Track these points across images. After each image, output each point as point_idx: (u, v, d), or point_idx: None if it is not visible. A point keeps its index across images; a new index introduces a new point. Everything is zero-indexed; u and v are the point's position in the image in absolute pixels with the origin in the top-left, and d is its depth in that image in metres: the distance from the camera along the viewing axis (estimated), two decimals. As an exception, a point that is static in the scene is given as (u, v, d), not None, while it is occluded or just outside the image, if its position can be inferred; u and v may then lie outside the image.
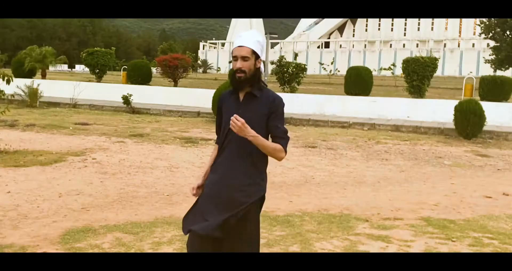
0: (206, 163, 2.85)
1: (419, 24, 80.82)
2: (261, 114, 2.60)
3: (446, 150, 10.37)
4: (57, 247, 4.10)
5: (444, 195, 6.47)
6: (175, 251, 4.09)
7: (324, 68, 56.01)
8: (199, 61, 71.54)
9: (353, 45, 77.16)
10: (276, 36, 29.30)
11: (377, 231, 4.83)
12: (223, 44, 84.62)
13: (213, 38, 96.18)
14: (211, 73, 62.47)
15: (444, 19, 77.00)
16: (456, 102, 12.89)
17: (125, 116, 15.26)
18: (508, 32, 32.30)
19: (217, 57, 79.54)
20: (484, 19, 33.89)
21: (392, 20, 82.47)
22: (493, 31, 33.03)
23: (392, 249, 4.34)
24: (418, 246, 4.42)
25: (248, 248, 2.65)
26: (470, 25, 73.08)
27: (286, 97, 16.96)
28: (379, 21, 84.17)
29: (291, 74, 19.57)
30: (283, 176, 7.33)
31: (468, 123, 11.39)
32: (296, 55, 35.78)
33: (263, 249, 3.72)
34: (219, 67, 73.65)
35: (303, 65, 20.12)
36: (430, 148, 10.52)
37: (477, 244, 4.50)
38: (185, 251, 4.06)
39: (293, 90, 19.72)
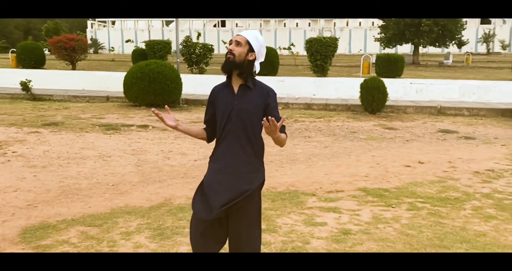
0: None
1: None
2: (257, 106, 2.76)
3: (357, 124, 11.25)
4: (21, 246, 3.92)
5: (369, 166, 7.13)
6: (147, 239, 4.13)
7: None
8: (89, 41, 67.62)
9: (249, 24, 78.10)
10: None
11: (326, 204, 5.26)
12: (113, 22, 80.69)
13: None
14: (104, 54, 59.56)
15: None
16: (356, 80, 13.92)
17: (27, 104, 14.20)
18: (393, 12, 34.89)
19: (108, 36, 75.85)
20: None
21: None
22: (379, 11, 35.48)
23: (344, 218, 4.78)
24: (366, 214, 4.92)
25: (251, 228, 2.85)
26: (355, 5, 77.64)
27: (196, 79, 16.95)
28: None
29: (199, 55, 19.52)
30: (220, 158, 7.48)
31: (373, 99, 12.40)
32: (199, 34, 35.39)
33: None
34: (112, 47, 70.32)
35: (210, 46, 20.14)
36: (343, 124, 11.33)
37: (414, 208, 5.12)
38: (157, 239, 4.17)
39: (201, 72, 19.72)
